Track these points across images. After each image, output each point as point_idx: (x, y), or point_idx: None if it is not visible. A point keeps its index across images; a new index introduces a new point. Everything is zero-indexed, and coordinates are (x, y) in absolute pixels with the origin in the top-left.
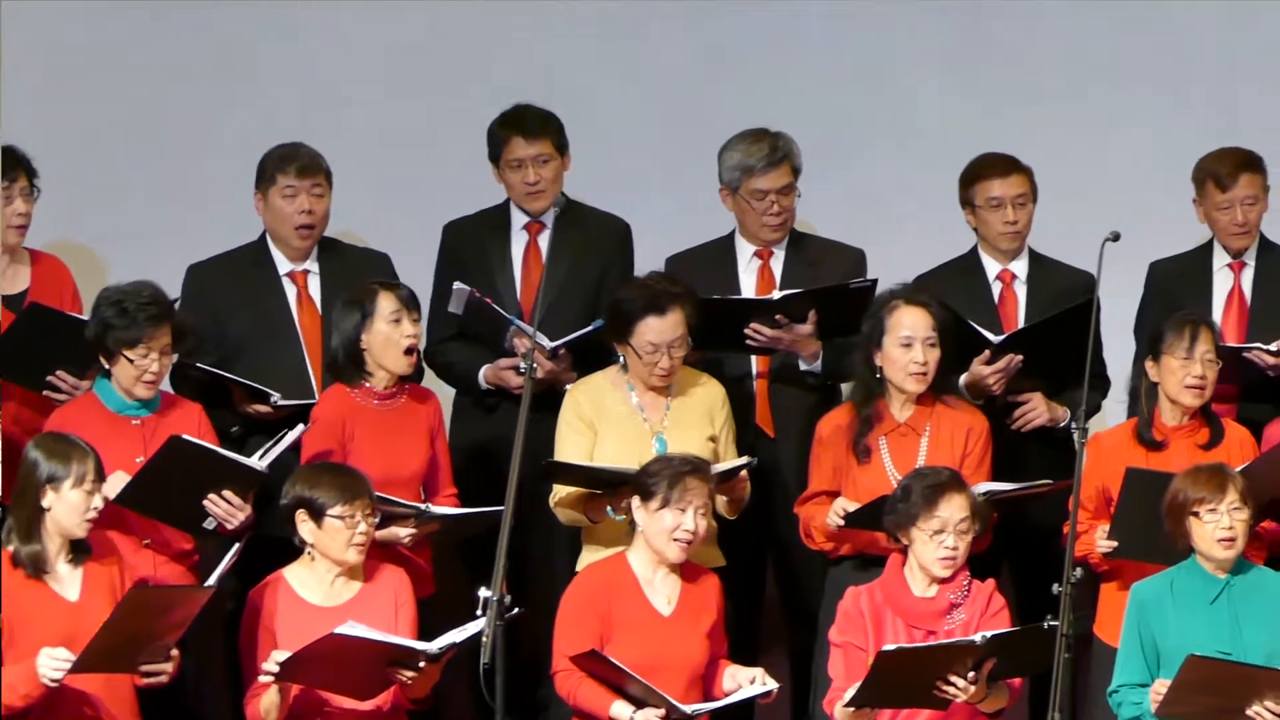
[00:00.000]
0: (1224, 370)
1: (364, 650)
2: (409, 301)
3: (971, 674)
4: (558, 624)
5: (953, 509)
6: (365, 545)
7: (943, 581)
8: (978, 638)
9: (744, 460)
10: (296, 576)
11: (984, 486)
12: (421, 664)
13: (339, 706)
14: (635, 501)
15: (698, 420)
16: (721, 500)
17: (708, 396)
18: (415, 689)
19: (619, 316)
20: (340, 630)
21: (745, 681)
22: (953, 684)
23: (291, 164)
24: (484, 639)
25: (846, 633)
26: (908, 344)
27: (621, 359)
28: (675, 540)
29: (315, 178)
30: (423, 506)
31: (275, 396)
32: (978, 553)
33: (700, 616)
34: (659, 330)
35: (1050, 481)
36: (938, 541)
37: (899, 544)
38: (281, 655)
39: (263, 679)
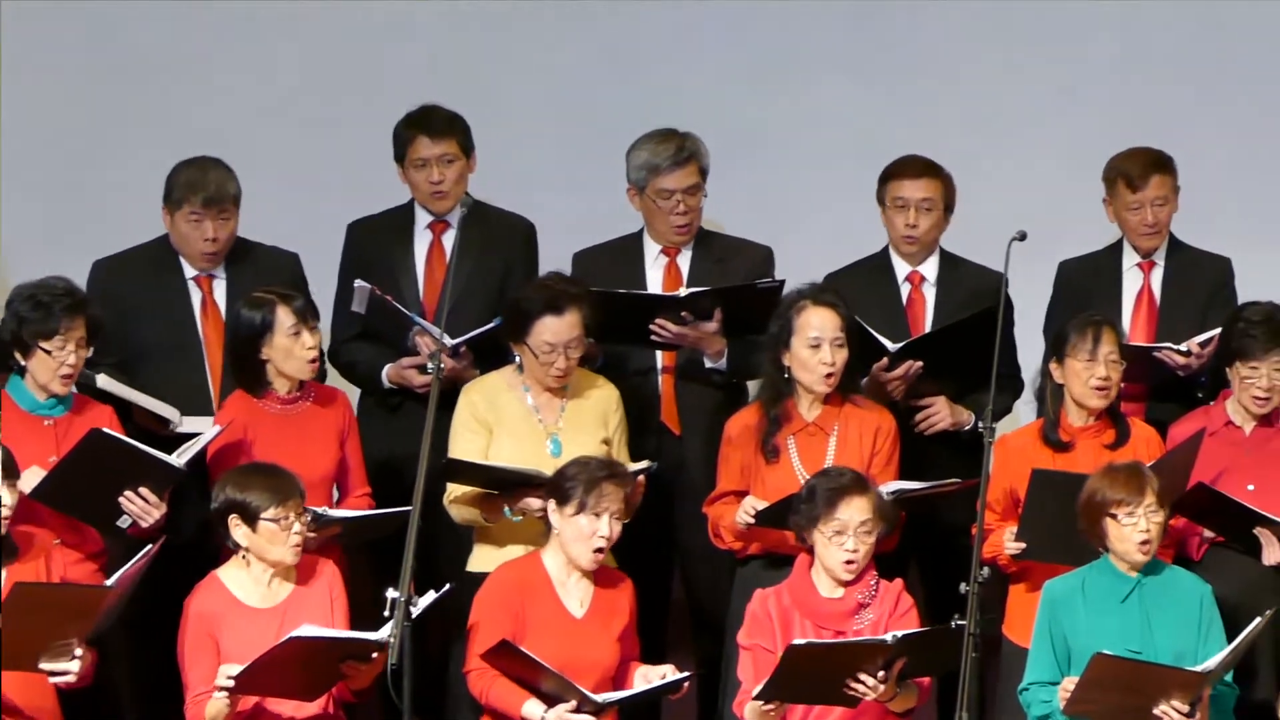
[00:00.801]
0: (1133, 369)
1: (322, 650)
2: (305, 313)
3: (881, 673)
4: (471, 622)
5: (853, 511)
6: (301, 545)
7: (850, 582)
8: (888, 637)
9: (643, 465)
10: (233, 579)
11: (892, 485)
12: (374, 654)
13: (283, 713)
14: (551, 505)
15: (592, 423)
16: None
17: (603, 399)
18: (361, 680)
19: (516, 316)
20: (297, 633)
21: (656, 679)
22: (862, 682)
23: (198, 193)
24: (391, 640)
25: (754, 635)
26: (815, 344)
27: (517, 359)
28: (590, 545)
29: (221, 205)
30: (319, 510)
31: (174, 423)
32: (885, 552)
33: (612, 619)
34: (555, 330)
35: (959, 480)
36: (838, 544)
37: (805, 545)
38: (233, 669)
39: (218, 695)
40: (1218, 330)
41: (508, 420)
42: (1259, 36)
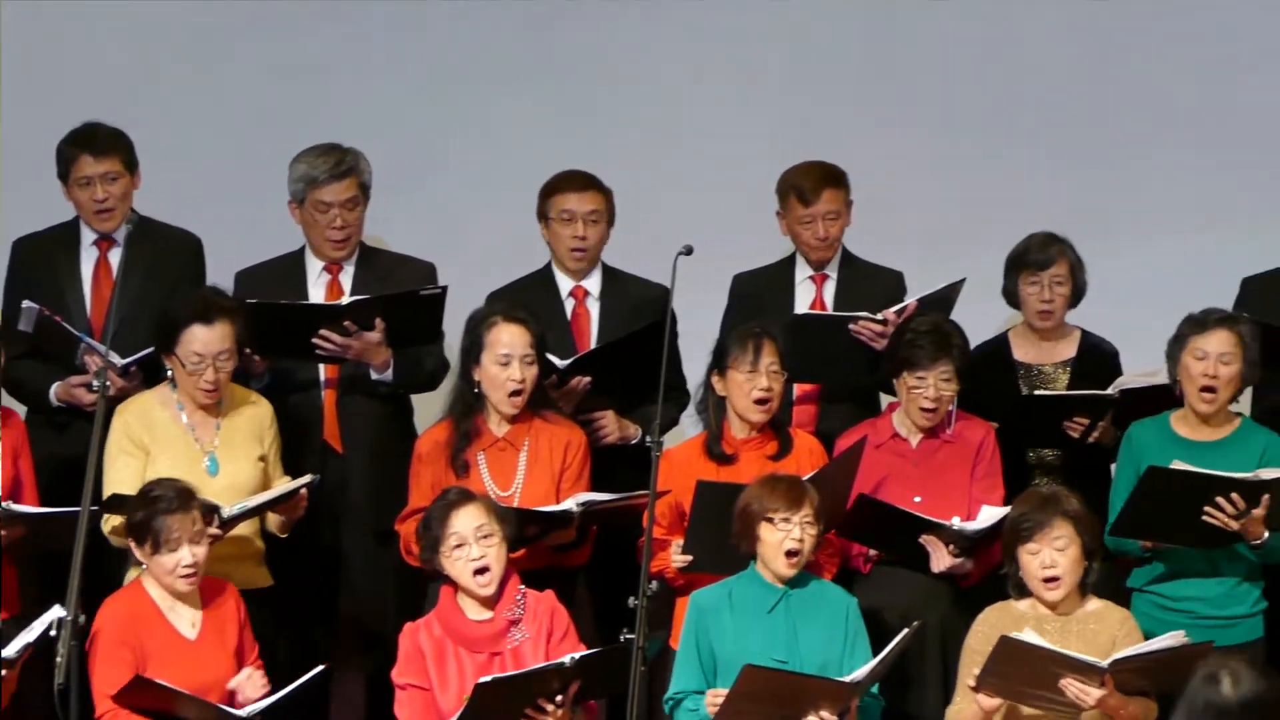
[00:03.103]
0: (822, 348)
1: None
2: None
3: (559, 698)
4: (92, 664)
5: (465, 519)
6: None
7: (496, 602)
8: (567, 659)
9: (306, 479)
10: None
11: (583, 497)
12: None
13: None
14: (132, 543)
15: (247, 440)
16: (275, 519)
17: (257, 416)
18: None
19: (165, 327)
20: None
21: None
22: (541, 708)
23: None
24: (58, 660)
25: (406, 673)
26: (505, 361)
27: (170, 373)
28: (178, 575)
29: None
30: (5, 504)
31: None
32: (576, 565)
33: (225, 634)
34: (205, 341)
35: (647, 492)
36: (464, 555)
37: (442, 576)
38: None
39: None
40: (914, 300)
41: (163, 439)
42: (931, 48)
